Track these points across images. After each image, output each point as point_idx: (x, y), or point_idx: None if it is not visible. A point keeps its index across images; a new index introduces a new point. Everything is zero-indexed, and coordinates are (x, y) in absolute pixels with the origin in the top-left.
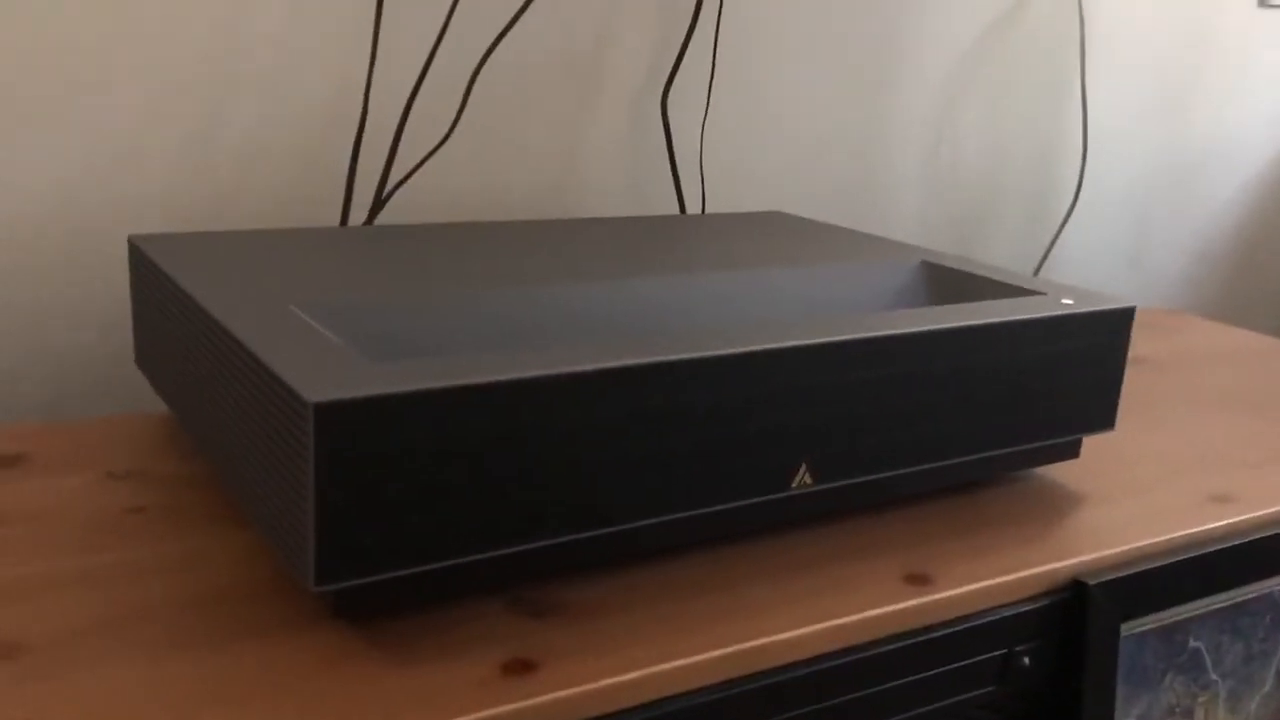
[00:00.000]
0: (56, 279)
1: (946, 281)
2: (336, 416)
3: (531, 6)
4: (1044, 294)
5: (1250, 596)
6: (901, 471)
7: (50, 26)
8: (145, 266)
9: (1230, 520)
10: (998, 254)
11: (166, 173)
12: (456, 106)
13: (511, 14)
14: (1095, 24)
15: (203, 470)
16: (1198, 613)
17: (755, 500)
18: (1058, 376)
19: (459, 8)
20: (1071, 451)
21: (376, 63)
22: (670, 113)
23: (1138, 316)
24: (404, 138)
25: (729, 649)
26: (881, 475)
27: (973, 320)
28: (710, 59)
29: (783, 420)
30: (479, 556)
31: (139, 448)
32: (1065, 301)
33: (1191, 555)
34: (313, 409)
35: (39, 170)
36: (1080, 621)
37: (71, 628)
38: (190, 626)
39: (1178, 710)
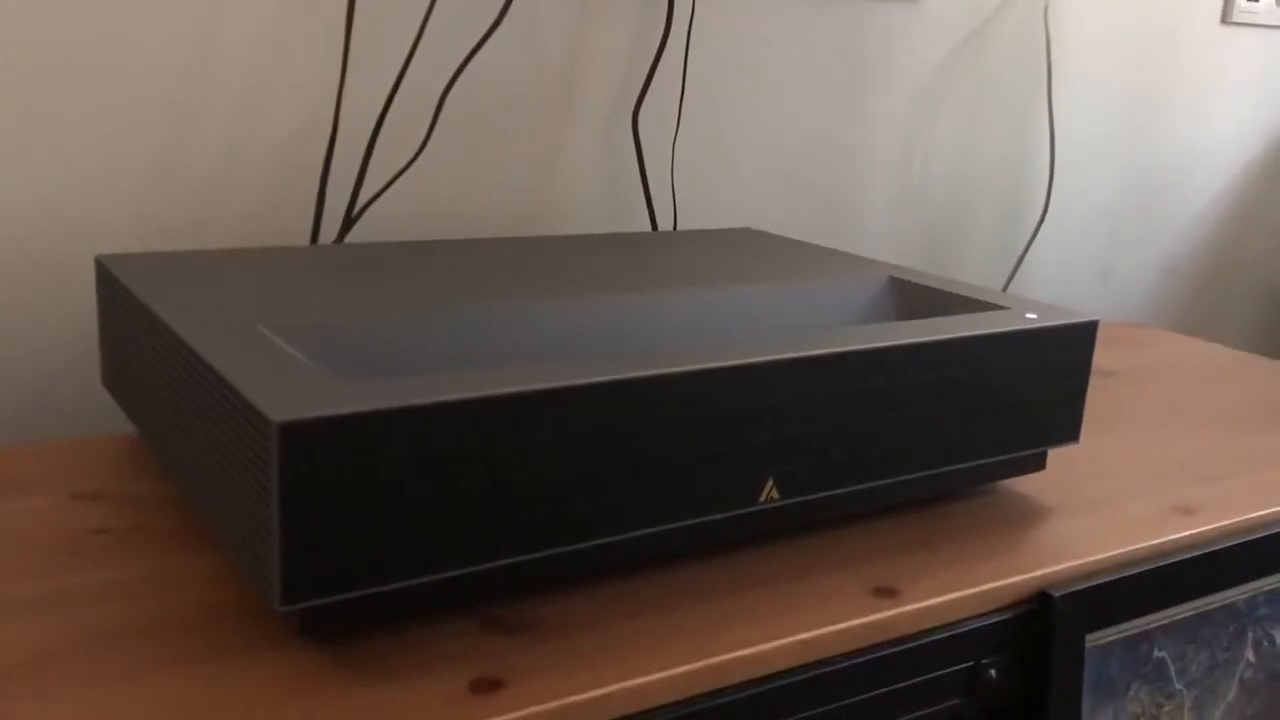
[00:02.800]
0: (23, 298)
1: (914, 297)
2: (301, 436)
3: (502, 25)
4: (1008, 309)
5: (1214, 606)
6: (868, 485)
7: (17, 46)
8: (112, 286)
9: (1193, 531)
10: (968, 269)
11: (136, 193)
12: (427, 125)
13: (482, 32)
14: (1061, 42)
15: (169, 491)
16: (1162, 623)
17: (722, 515)
18: (1022, 390)
19: (429, 26)
20: (1037, 464)
21: (346, 81)
22: (641, 130)
23: (1105, 330)
24: (374, 156)
25: (697, 664)
26: (848, 489)
27: (937, 335)
28: (681, 77)
29: (749, 435)
30: (446, 574)
31: (105, 469)
32: (1029, 316)
33: (1155, 566)
34: (277, 428)
35: (6, 190)
36: (1046, 633)
37: (35, 651)
38: (156, 648)
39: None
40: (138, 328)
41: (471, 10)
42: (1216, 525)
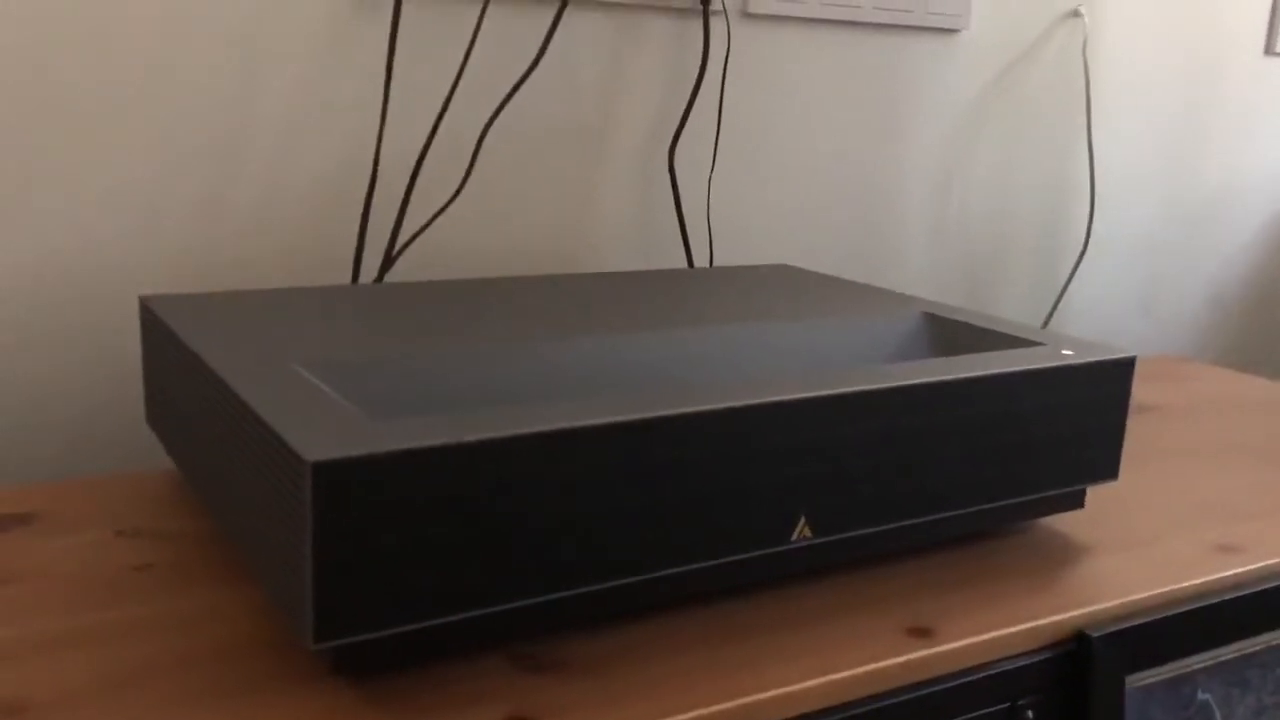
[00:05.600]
0: (70, 338)
1: (949, 333)
2: (334, 475)
3: (539, 66)
4: (1044, 345)
5: (1260, 648)
6: (902, 524)
7: (61, 91)
8: (156, 326)
9: (1238, 570)
10: (1008, 304)
11: (180, 233)
12: (466, 165)
13: (520, 73)
14: (1101, 74)
15: (209, 528)
16: (1206, 664)
17: (755, 554)
18: (1059, 427)
19: (468, 68)
20: (1075, 502)
21: (387, 122)
22: (677, 168)
23: (1147, 364)
24: (414, 196)
25: (730, 704)
26: (881, 528)
27: (972, 372)
28: (716, 114)
29: (781, 473)
30: (479, 612)
31: (147, 505)
32: (1065, 352)
33: (1198, 606)
34: (310, 468)
35: (52, 232)
36: (1084, 674)
37: (77, 685)
38: (193, 683)
39: None
40: (178, 366)
41: (509, 52)
42: (1261, 564)
